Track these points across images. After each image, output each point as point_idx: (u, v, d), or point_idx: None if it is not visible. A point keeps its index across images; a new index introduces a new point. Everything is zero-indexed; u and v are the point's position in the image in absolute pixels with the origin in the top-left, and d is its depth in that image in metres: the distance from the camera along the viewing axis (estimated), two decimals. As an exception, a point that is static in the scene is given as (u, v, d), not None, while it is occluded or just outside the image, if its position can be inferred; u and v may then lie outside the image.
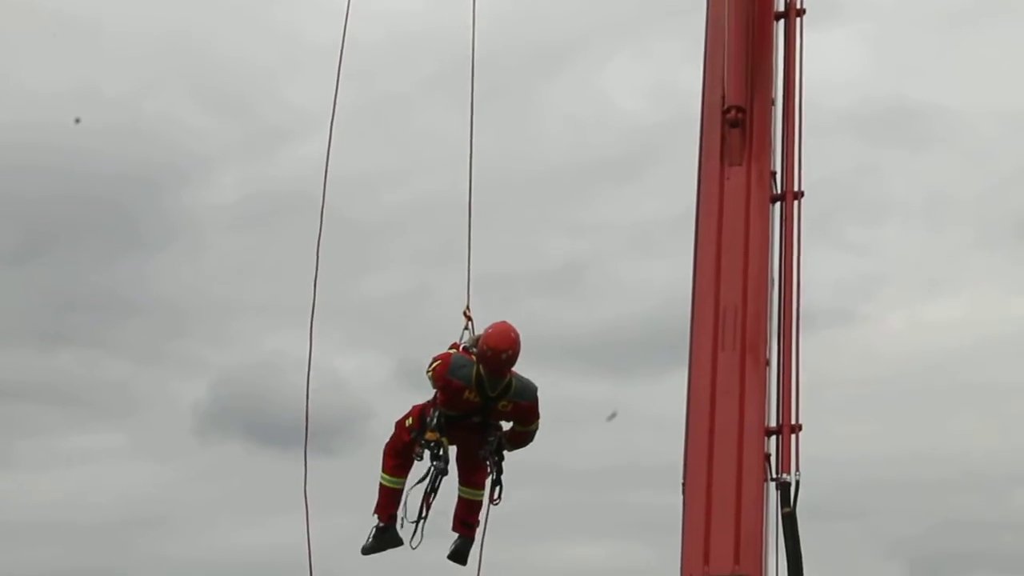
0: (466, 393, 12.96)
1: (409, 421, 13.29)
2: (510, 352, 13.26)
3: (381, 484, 13.39)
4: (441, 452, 13.00)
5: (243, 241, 46.52)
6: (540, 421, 14.08)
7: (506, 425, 14.30)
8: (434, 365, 13.06)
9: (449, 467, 13.33)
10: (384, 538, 13.28)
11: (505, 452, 13.67)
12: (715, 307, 18.08)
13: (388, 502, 13.31)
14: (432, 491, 13.27)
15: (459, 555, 13.70)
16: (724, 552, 16.90)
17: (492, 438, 13.23)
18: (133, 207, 44.33)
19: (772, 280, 18.45)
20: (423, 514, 13.35)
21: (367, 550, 13.47)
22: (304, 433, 13.96)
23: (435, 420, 12.93)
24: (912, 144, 45.59)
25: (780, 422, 17.97)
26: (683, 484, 17.67)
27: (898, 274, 46.82)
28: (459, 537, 13.71)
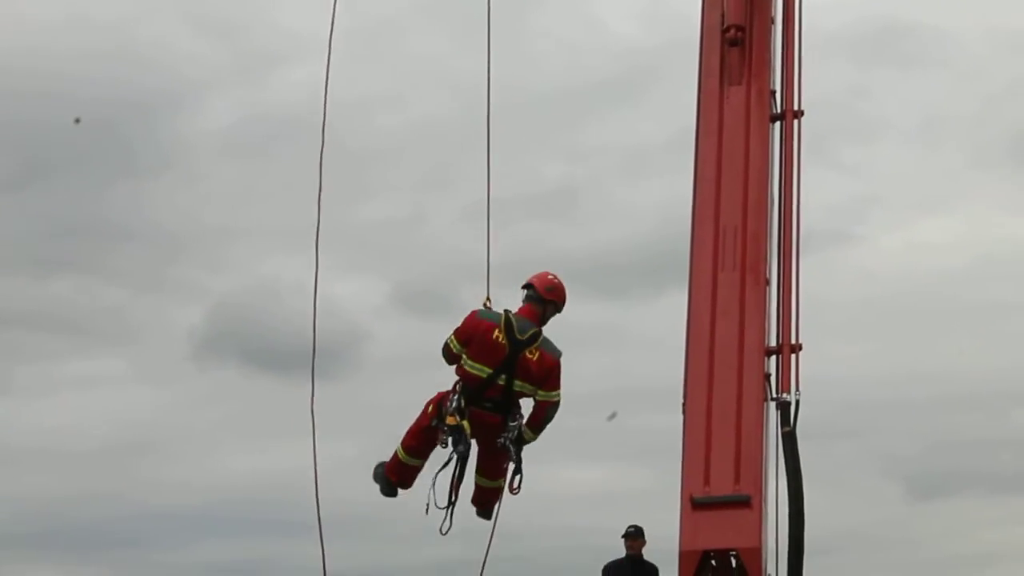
0: (496, 333, 12.45)
1: (430, 408, 12.85)
2: (557, 280, 13.08)
3: (396, 452, 13.09)
4: (462, 436, 12.57)
5: (238, 166, 46.35)
6: (560, 398, 13.66)
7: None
8: (457, 328, 12.64)
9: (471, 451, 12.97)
10: (385, 485, 13.15)
11: (526, 437, 13.16)
12: (715, 227, 18.02)
13: (399, 469, 13.00)
14: (459, 477, 12.94)
15: (486, 513, 13.56)
16: (724, 472, 16.93)
17: (513, 423, 12.80)
18: (128, 133, 44.12)
19: (772, 200, 18.41)
20: (452, 500, 13.00)
21: (375, 476, 13.41)
22: (311, 379, 13.73)
23: (454, 403, 12.46)
24: (905, 64, 45.37)
25: (780, 342, 17.98)
26: (683, 405, 17.69)
27: (893, 195, 46.74)
28: (479, 511, 13.55)
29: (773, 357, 17.90)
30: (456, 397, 12.45)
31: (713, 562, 16.84)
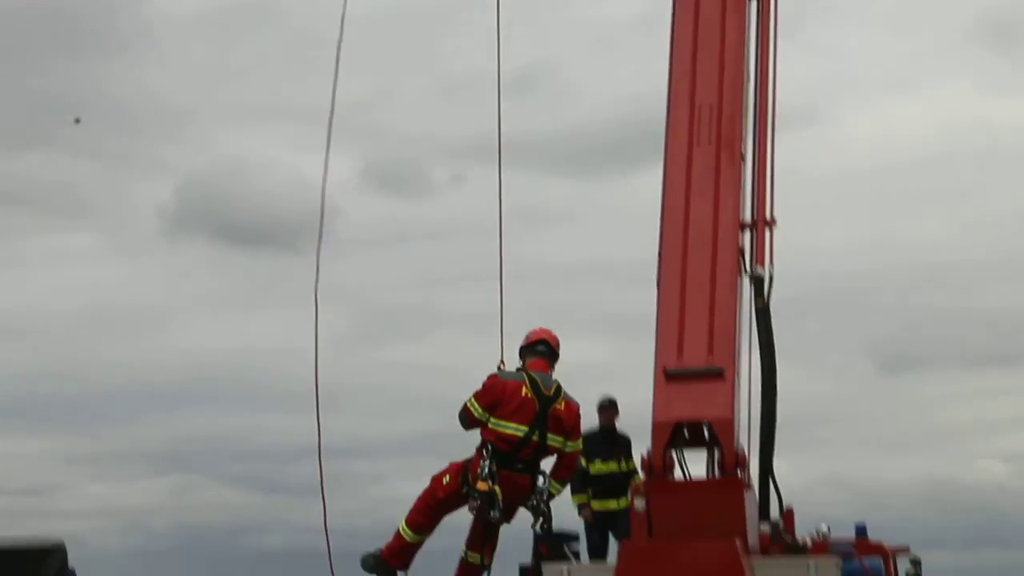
0: (524, 390, 12.26)
1: (446, 479, 12.40)
2: (553, 335, 12.87)
3: (399, 533, 12.68)
4: (496, 502, 12.21)
5: (203, 46, 45.96)
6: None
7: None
8: (476, 391, 12.27)
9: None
10: (384, 571, 12.63)
11: (554, 492, 12.93)
12: (691, 103, 18.10)
13: (402, 552, 12.57)
14: (491, 542, 12.57)
15: None
16: (698, 344, 17.15)
17: (543, 484, 12.49)
18: (92, 12, 43.71)
19: (747, 77, 18.48)
20: (486, 564, 12.68)
21: (367, 569, 12.85)
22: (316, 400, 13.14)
23: (486, 469, 12.13)
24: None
25: (754, 217, 18.15)
26: (657, 278, 17.88)
27: (864, 75, 46.71)
28: None
29: (747, 232, 18.10)
30: (487, 462, 12.05)
31: (686, 433, 17.11)
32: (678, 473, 17.25)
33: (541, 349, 12.42)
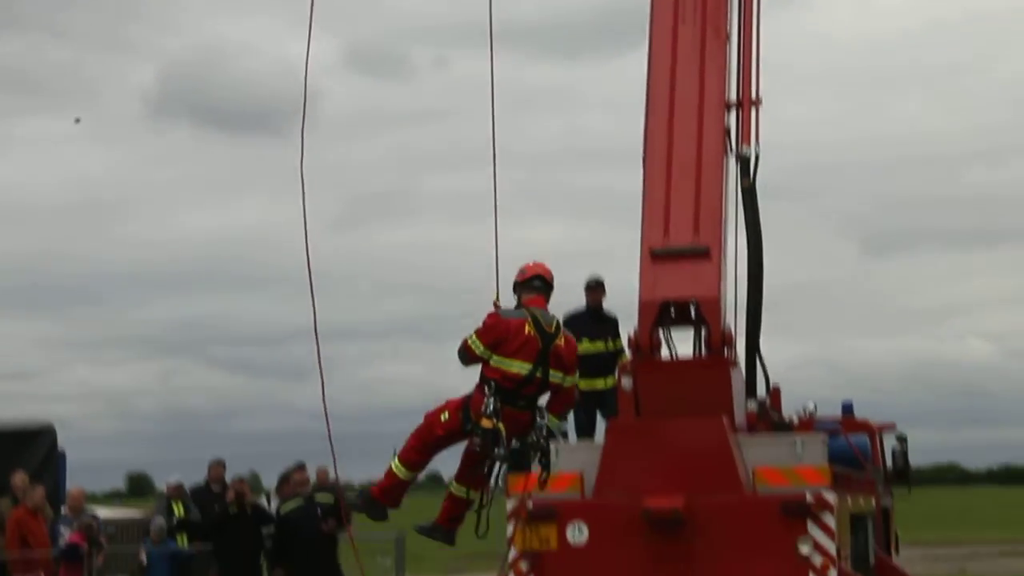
0: (527, 328, 12.05)
1: (445, 416, 12.11)
2: (547, 269, 12.65)
3: (391, 470, 12.17)
4: (500, 440, 12.02)
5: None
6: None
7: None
8: (477, 329, 12.05)
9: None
10: (375, 510, 12.36)
11: (553, 427, 12.80)
12: (676, -21, 17.94)
13: (393, 490, 12.30)
14: (495, 481, 12.37)
15: (432, 534, 12.79)
16: (684, 224, 17.15)
17: (542, 419, 12.28)
18: None
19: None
20: (485, 502, 12.48)
21: (356, 508, 12.64)
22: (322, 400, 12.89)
23: (491, 407, 11.90)
24: None
25: (740, 96, 18.06)
26: (643, 158, 17.83)
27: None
28: (438, 527, 12.68)
29: (733, 112, 18.03)
30: (492, 400, 11.85)
31: (673, 312, 17.19)
32: (665, 352, 17.36)
33: (537, 284, 12.21)
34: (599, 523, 15.90)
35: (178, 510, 23.61)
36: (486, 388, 11.81)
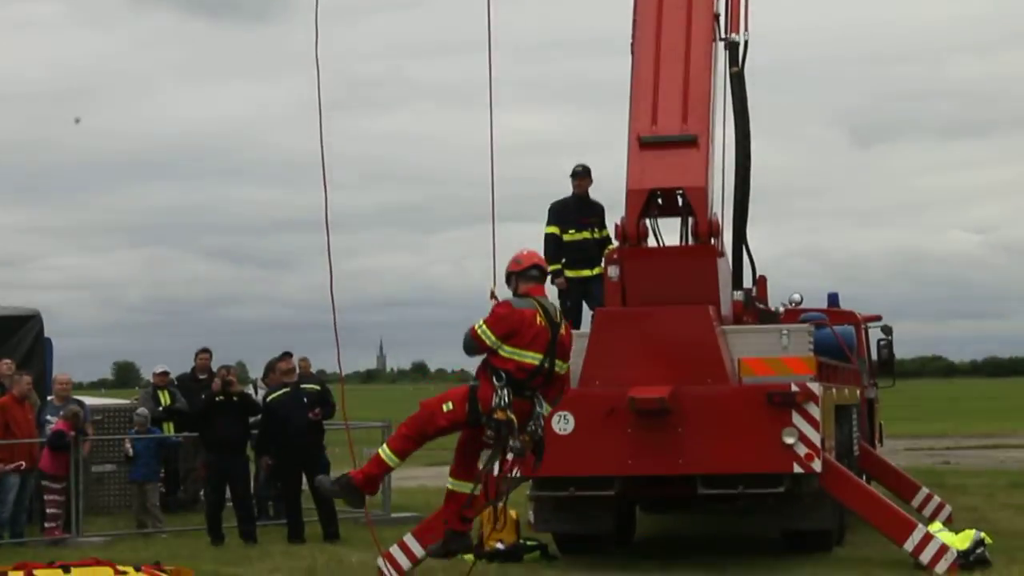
0: (538, 318, 11.75)
1: (448, 405, 11.63)
2: (541, 257, 12.29)
3: (380, 457, 11.78)
4: (514, 431, 11.65)
5: None
6: None
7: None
8: (487, 319, 11.58)
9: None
10: (353, 496, 11.86)
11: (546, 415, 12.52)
12: None
13: (377, 477, 11.74)
14: (511, 473, 11.96)
15: (450, 547, 12.20)
16: (672, 112, 17.02)
17: (541, 408, 11.91)
18: None
19: None
20: (501, 496, 12.04)
21: (333, 494, 12.13)
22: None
23: (505, 399, 11.55)
24: None
25: (729, -18, 17.88)
26: (631, 45, 17.66)
27: None
28: (453, 535, 12.13)
29: (722, -2, 17.85)
30: (505, 391, 11.47)
31: (660, 201, 17.11)
32: (652, 241, 17.31)
33: (535, 274, 11.88)
34: (585, 412, 15.91)
35: (164, 399, 23.66)
36: (495, 379, 11.41)
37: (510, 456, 11.50)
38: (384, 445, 11.58)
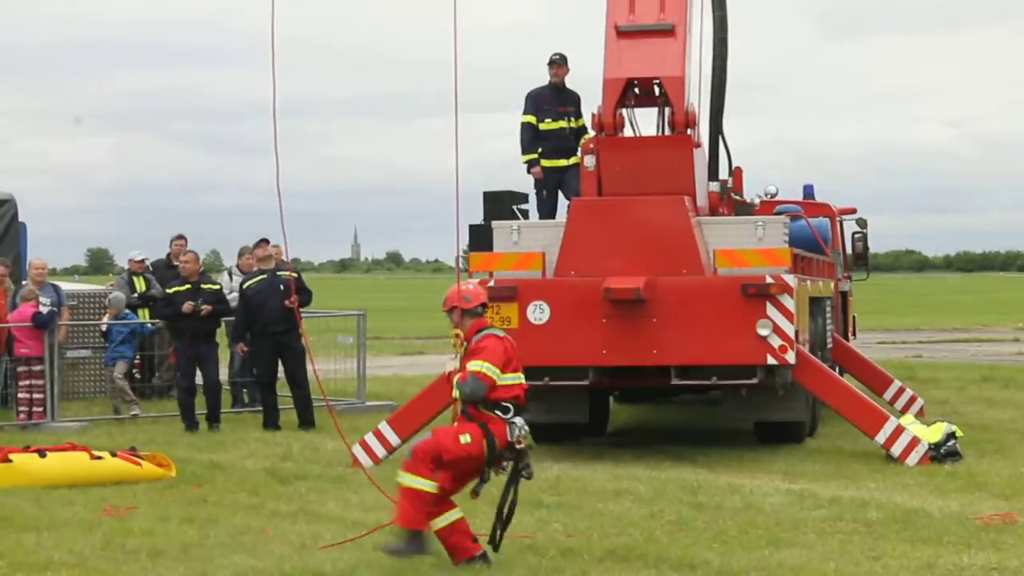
0: (509, 341, 11.48)
1: (467, 438, 10.98)
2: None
3: (407, 489, 10.78)
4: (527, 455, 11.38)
5: None
6: None
7: None
8: (484, 357, 11.02)
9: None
10: (421, 544, 11.09)
11: None
12: None
13: (422, 509, 11.07)
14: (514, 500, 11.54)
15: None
16: (649, 1, 16.91)
17: (521, 422, 11.62)
18: None
19: None
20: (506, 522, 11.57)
21: (399, 555, 11.31)
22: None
23: (520, 430, 11.04)
24: None
25: None
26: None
27: None
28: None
29: None
30: (521, 423, 11.08)
31: (636, 91, 17.03)
32: (628, 131, 17.25)
33: (480, 311, 11.60)
34: (560, 302, 15.93)
35: (140, 285, 23.61)
36: (499, 413, 11.11)
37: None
38: (403, 476, 10.94)
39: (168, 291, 20.39)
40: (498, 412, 10.92)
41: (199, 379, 20.13)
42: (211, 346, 19.98)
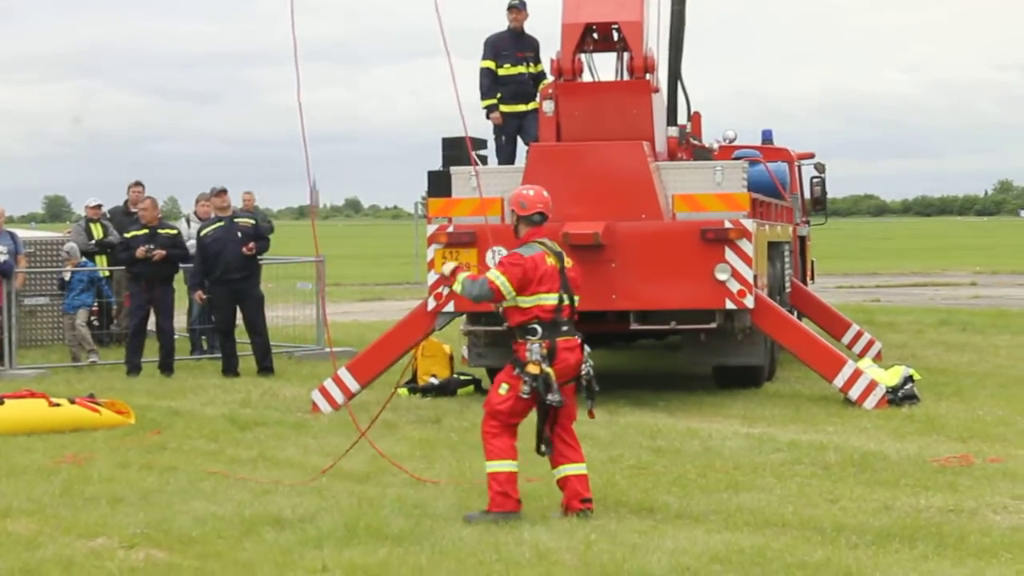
0: (548, 259, 11.14)
1: (504, 388, 10.87)
2: (548, 200, 11.57)
3: (491, 474, 10.63)
4: (552, 384, 10.97)
5: None
6: None
7: None
8: (500, 267, 10.80)
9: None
10: (511, 515, 10.87)
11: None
12: None
13: (508, 489, 10.57)
14: (552, 428, 11.14)
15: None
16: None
17: (585, 351, 11.28)
18: None
19: None
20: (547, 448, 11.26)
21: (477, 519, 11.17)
22: None
23: (535, 352, 10.81)
24: None
25: None
26: None
27: None
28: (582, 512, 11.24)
29: None
30: (538, 343, 10.83)
31: (595, 36, 16.98)
32: (587, 76, 17.21)
33: (538, 219, 11.35)
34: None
35: (97, 232, 23.49)
36: (518, 333, 10.95)
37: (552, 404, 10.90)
38: (488, 463, 10.80)
39: (126, 235, 20.31)
40: (527, 337, 10.75)
41: (152, 326, 20.09)
42: (166, 291, 19.87)
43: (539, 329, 10.79)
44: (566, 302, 10.99)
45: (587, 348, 11.08)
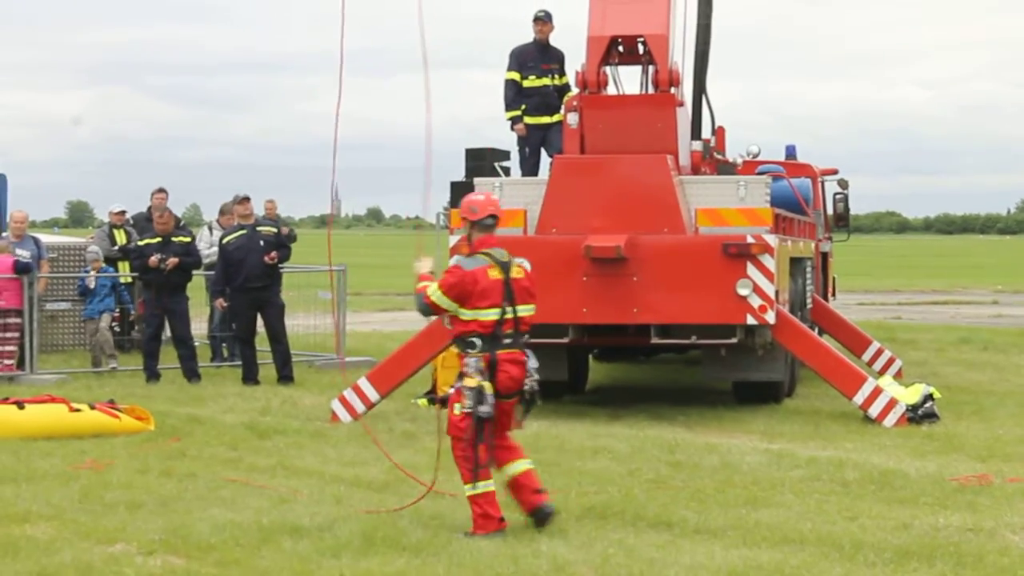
0: (490, 272, 11.03)
1: (457, 407, 10.83)
2: (496, 202, 11.50)
3: (481, 495, 10.55)
4: (484, 396, 10.89)
5: None
6: None
7: None
8: (440, 282, 10.75)
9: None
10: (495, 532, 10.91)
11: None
12: None
13: (491, 507, 10.55)
14: (486, 442, 10.96)
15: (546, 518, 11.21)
16: None
17: (532, 362, 11.15)
18: None
19: None
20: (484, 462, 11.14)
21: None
22: None
23: (472, 365, 10.69)
24: None
25: None
26: None
27: None
28: (542, 506, 11.19)
29: None
30: (475, 358, 10.74)
31: (620, 49, 16.99)
32: (612, 89, 17.21)
33: (490, 223, 11.28)
34: (541, 259, 15.89)
35: (120, 237, 23.55)
36: (459, 346, 10.90)
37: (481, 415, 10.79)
38: (465, 486, 10.75)
39: (139, 243, 20.35)
40: (467, 350, 10.71)
41: (168, 333, 20.12)
42: (179, 299, 19.85)
43: (477, 342, 10.71)
44: (508, 315, 10.84)
45: (534, 363, 10.96)
